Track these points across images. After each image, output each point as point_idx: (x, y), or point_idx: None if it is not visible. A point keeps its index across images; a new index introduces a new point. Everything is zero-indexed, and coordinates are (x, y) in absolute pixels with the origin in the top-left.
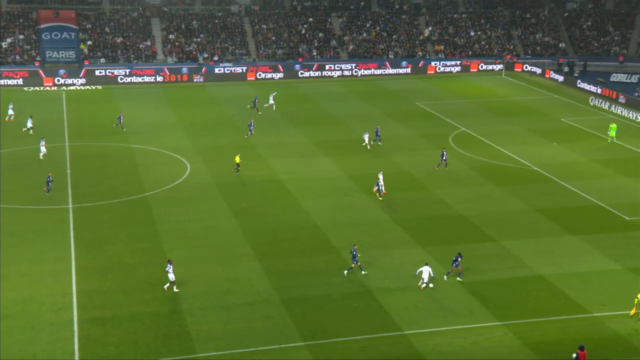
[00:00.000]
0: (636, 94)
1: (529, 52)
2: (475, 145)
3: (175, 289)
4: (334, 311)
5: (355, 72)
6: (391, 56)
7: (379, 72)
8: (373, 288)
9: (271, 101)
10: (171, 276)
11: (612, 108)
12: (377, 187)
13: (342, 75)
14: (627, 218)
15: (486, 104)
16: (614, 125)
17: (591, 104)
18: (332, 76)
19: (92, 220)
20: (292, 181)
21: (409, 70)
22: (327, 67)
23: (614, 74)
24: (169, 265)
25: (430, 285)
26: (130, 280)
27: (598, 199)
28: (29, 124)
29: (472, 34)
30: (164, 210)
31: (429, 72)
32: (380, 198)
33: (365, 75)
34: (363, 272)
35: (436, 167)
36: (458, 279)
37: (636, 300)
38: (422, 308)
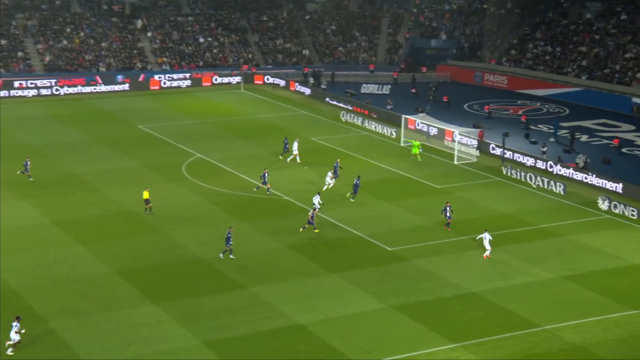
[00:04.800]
0: (389, 107)
1: (270, 61)
2: (215, 174)
3: (10, 352)
4: None
5: (57, 90)
6: (102, 69)
7: (88, 89)
8: None
9: (295, 151)
10: (16, 336)
11: (365, 124)
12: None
13: (39, 95)
14: (389, 249)
15: (224, 123)
16: (417, 142)
17: (343, 119)
18: (24, 96)
19: None
20: None
21: (126, 86)
22: (16, 84)
23: (365, 85)
24: (17, 323)
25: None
26: None
27: (357, 229)
28: None
29: (202, 40)
30: None
31: (152, 87)
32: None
33: (70, 93)
34: (232, 257)
35: (445, 226)
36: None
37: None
38: None
